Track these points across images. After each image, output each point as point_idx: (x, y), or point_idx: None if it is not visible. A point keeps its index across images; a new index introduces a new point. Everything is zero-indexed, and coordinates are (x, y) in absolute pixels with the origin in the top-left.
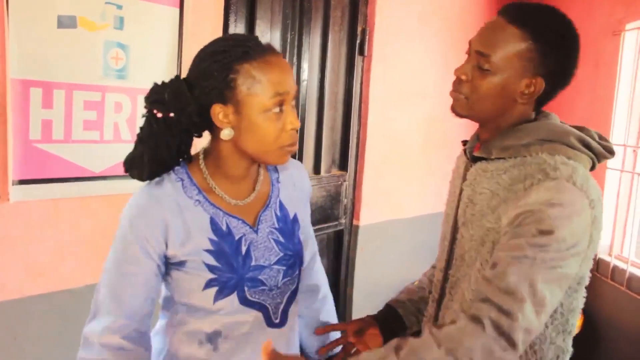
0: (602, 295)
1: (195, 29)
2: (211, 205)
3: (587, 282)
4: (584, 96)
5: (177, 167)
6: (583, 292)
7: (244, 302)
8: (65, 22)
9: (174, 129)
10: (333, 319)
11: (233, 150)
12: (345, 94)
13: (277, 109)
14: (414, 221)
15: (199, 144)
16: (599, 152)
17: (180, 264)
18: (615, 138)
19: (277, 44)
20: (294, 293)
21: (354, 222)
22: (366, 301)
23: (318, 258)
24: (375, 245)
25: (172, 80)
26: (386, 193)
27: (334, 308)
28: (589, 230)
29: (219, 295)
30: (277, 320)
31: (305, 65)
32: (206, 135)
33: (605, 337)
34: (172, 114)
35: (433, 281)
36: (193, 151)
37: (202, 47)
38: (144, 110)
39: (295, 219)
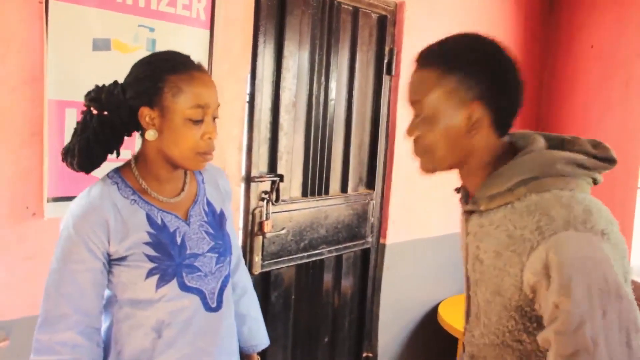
0: None
1: (225, 50)
2: (146, 203)
3: None
4: (614, 116)
5: (110, 173)
6: None
7: (183, 287)
8: (100, 45)
9: (106, 126)
10: (259, 313)
11: (157, 154)
12: (373, 113)
13: (197, 119)
14: (441, 240)
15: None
16: (595, 166)
17: (122, 259)
18: None
19: (305, 64)
20: (227, 278)
21: (381, 241)
22: (393, 320)
23: (242, 261)
24: (401, 264)
25: (110, 84)
26: (413, 212)
27: (258, 303)
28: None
29: (161, 283)
30: (214, 305)
31: (333, 85)
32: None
33: None
34: (106, 113)
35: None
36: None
37: (231, 67)
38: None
39: (222, 214)
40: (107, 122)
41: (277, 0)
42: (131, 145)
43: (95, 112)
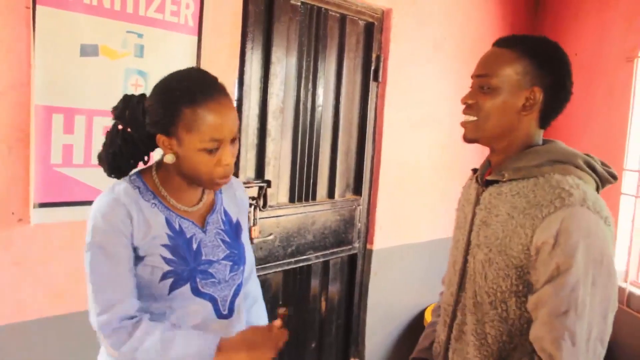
0: (618, 323)
1: (212, 57)
2: (165, 208)
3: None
4: (597, 122)
5: (132, 176)
6: None
7: (196, 292)
8: (88, 51)
9: (129, 144)
10: (266, 321)
11: (177, 169)
12: (360, 119)
13: (211, 148)
14: (428, 245)
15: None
16: (603, 176)
17: (140, 259)
18: (630, 164)
19: (292, 71)
20: (240, 286)
21: (368, 246)
22: (379, 325)
23: (255, 272)
24: (388, 269)
25: (135, 99)
26: (400, 217)
27: (267, 313)
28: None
29: (175, 286)
30: (226, 312)
31: (320, 91)
32: None
33: None
34: (129, 130)
35: (442, 306)
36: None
37: (218, 73)
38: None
39: (238, 224)
40: (130, 140)
41: (264, 7)
42: None
43: (120, 127)
